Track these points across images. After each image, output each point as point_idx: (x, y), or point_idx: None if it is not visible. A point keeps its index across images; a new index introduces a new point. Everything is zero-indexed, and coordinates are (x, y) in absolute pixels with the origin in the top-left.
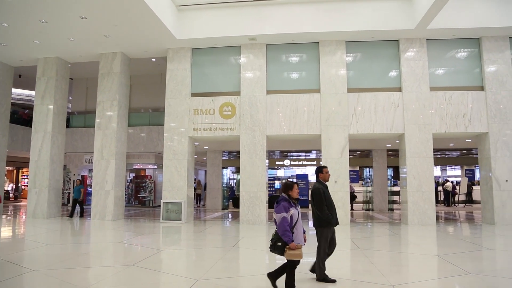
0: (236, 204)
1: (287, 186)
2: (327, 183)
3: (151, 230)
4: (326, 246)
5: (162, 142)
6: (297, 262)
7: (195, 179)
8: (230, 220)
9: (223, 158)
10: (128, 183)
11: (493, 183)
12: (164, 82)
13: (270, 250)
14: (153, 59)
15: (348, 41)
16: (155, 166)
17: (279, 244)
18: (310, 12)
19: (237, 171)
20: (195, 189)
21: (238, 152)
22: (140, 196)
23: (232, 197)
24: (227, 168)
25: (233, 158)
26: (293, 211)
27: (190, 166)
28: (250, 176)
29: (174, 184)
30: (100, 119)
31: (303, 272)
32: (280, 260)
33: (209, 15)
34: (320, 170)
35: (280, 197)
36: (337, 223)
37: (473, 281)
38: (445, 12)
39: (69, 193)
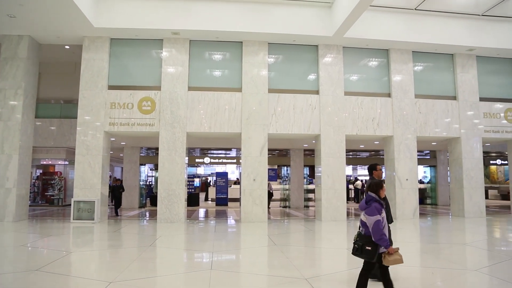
0: (154, 202)
1: (378, 185)
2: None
3: (59, 231)
4: None
5: (75, 136)
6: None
7: (110, 176)
8: (147, 218)
9: (141, 154)
10: (34, 180)
11: (396, 181)
12: (78, 72)
13: (355, 254)
14: (67, 47)
15: (270, 42)
16: (66, 162)
17: (368, 248)
18: (235, 11)
19: (156, 168)
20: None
21: (157, 149)
22: (48, 194)
23: (150, 195)
24: (145, 165)
25: (151, 154)
26: (383, 213)
27: (105, 162)
28: (169, 173)
29: (87, 182)
30: (1, 108)
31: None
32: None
33: (131, 5)
34: (374, 167)
35: (368, 196)
36: (392, 220)
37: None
38: (360, 23)
39: None
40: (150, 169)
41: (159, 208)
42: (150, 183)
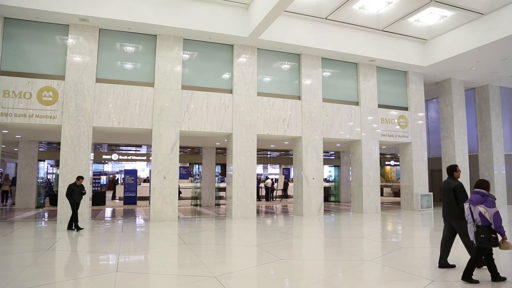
0: (54, 202)
1: (488, 182)
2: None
3: None
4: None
5: None
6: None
7: (1, 174)
8: (46, 220)
9: (40, 149)
10: None
11: (303, 180)
12: None
13: (481, 243)
14: None
15: (186, 38)
16: None
17: (494, 236)
18: (150, 3)
19: (57, 164)
20: (1, 185)
21: (59, 143)
22: None
23: (50, 193)
24: (44, 161)
25: (52, 150)
26: None
27: None
28: (72, 170)
29: None
30: None
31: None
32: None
33: None
34: (454, 168)
35: (482, 192)
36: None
37: (284, 265)
38: (275, 26)
39: None
40: (51, 166)
41: (59, 208)
42: (51, 180)
